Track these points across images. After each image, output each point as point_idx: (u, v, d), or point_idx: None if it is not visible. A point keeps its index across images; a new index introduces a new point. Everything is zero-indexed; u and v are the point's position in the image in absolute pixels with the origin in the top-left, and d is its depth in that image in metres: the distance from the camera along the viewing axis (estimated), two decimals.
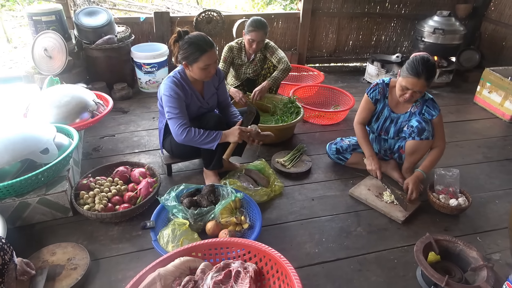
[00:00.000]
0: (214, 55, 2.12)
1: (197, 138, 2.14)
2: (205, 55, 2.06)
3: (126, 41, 3.69)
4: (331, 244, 2.04)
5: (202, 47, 2.06)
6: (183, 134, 2.13)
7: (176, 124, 2.14)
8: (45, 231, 2.06)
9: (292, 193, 2.43)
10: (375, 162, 2.40)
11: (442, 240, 1.88)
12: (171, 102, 2.14)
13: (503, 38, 4.57)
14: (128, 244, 2.00)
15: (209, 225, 2.01)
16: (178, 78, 2.20)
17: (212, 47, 2.09)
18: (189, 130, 2.13)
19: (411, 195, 2.29)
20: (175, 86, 2.15)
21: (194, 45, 2.06)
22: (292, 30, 4.53)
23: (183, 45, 2.09)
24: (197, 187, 2.23)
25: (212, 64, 2.12)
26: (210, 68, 2.12)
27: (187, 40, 2.08)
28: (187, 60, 2.11)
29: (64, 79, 3.17)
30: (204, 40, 2.08)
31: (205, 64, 2.09)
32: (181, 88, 2.18)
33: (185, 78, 2.22)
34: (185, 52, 2.09)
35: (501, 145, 3.16)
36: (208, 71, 2.14)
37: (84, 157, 2.73)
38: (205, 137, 2.15)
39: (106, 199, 2.14)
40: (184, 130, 2.13)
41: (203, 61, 2.08)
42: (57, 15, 3.35)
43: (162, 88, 2.19)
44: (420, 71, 2.08)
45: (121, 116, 3.35)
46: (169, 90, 2.15)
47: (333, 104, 3.60)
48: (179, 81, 2.19)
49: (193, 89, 2.26)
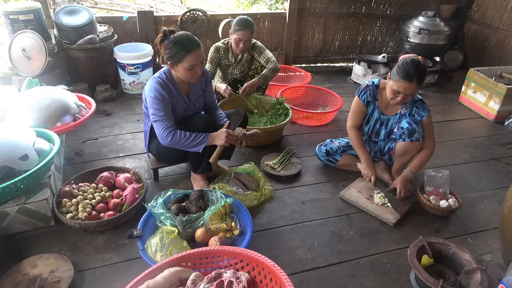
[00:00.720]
0: (200, 55, 2.05)
1: (183, 141, 2.08)
2: (190, 54, 2.00)
3: (108, 41, 3.58)
4: (323, 249, 2.01)
5: (187, 46, 1.99)
6: (169, 137, 2.06)
7: (162, 127, 2.07)
8: (26, 241, 1.96)
9: (282, 197, 2.39)
10: (371, 167, 2.38)
11: (435, 243, 1.87)
12: (156, 104, 2.07)
13: (486, 39, 4.64)
14: (114, 253, 1.92)
15: (199, 232, 1.95)
16: (163, 78, 2.13)
17: (198, 47, 2.03)
18: (175, 133, 2.07)
19: (399, 195, 2.28)
20: (160, 87, 2.08)
21: (179, 44, 1.99)
22: (278, 30, 4.49)
23: (168, 44, 2.02)
24: (185, 192, 2.16)
25: (198, 64, 2.05)
26: (195, 68, 2.06)
27: (172, 39, 2.01)
28: (172, 60, 2.04)
29: (43, 81, 3.04)
30: (189, 39, 2.01)
31: (190, 64, 2.02)
32: (166, 89, 2.11)
33: (170, 79, 2.15)
34: (170, 52, 2.02)
35: (486, 145, 3.19)
36: (193, 72, 2.07)
37: (66, 162, 2.62)
38: (191, 140, 2.09)
39: (90, 207, 2.05)
40: (169, 133, 2.06)
41: (188, 61, 2.01)
42: (35, 13, 3.22)
43: (147, 89, 2.12)
44: (412, 74, 2.06)
45: (105, 118, 3.25)
46: (153, 91, 2.07)
47: (321, 105, 3.58)
48: (164, 82, 2.12)
49: (178, 90, 2.19)
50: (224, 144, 2.11)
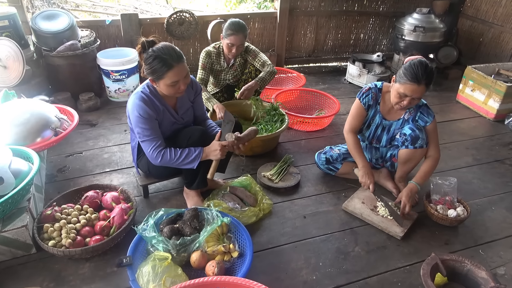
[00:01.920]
0: (183, 70, 1.87)
1: (175, 160, 1.94)
2: (171, 71, 1.81)
3: (91, 46, 3.38)
4: (329, 268, 1.87)
5: (167, 62, 1.80)
6: (159, 158, 1.93)
7: (150, 147, 1.93)
8: (4, 273, 1.79)
9: (282, 211, 2.25)
10: (369, 174, 2.24)
11: (448, 260, 1.75)
12: (141, 122, 1.91)
13: (480, 34, 4.56)
14: (102, 283, 1.76)
15: (194, 257, 1.79)
16: (146, 93, 1.95)
17: (180, 61, 1.84)
18: (165, 152, 1.93)
19: (403, 209, 2.13)
20: (144, 104, 1.90)
21: (159, 60, 1.80)
22: (269, 30, 4.33)
23: (147, 59, 1.83)
24: (178, 211, 2.01)
25: (181, 79, 1.87)
26: (179, 84, 1.88)
27: (151, 54, 1.81)
28: (153, 76, 1.87)
29: (22, 91, 2.84)
30: (170, 54, 1.81)
31: (172, 81, 1.84)
32: (151, 105, 1.94)
33: (155, 93, 1.98)
34: (149, 68, 1.84)
35: (488, 146, 3.10)
36: (177, 88, 1.89)
37: (48, 180, 2.44)
38: (184, 158, 1.94)
39: (75, 232, 1.88)
40: (159, 153, 1.92)
41: (169, 78, 1.83)
42: (10, 19, 3.01)
43: (130, 106, 1.95)
44: (420, 76, 1.94)
45: (89, 130, 3.06)
46: (137, 108, 1.90)
47: (316, 109, 3.44)
48: (148, 97, 1.94)
49: (165, 104, 2.02)
50: (221, 157, 1.97)
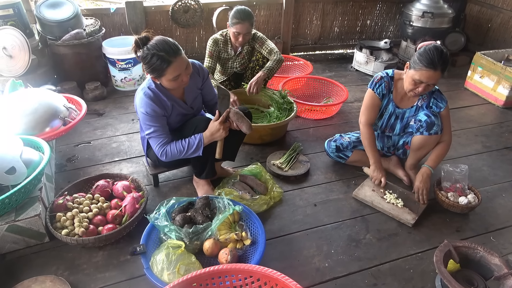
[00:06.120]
0: (183, 62, 1.82)
1: (179, 154, 1.97)
2: (171, 67, 1.78)
3: (96, 35, 3.35)
4: (341, 256, 1.88)
5: (165, 58, 1.76)
6: (163, 156, 1.97)
7: (157, 144, 1.96)
8: (18, 262, 1.80)
9: (292, 199, 2.25)
10: (380, 169, 2.23)
11: (461, 247, 1.75)
12: (148, 120, 1.91)
13: (489, 20, 4.48)
14: (116, 271, 1.77)
15: (207, 245, 1.80)
16: (152, 88, 1.93)
17: (178, 54, 1.79)
18: (168, 149, 1.96)
19: (422, 195, 2.14)
20: (151, 101, 1.89)
21: (156, 58, 1.76)
22: (275, 17, 4.27)
23: (144, 58, 1.79)
24: (189, 200, 2.01)
25: (182, 72, 1.84)
26: (180, 77, 1.85)
27: (147, 52, 1.77)
28: (154, 74, 1.85)
29: (28, 81, 2.83)
30: (166, 49, 1.76)
31: (174, 76, 1.81)
32: (159, 102, 1.92)
33: (160, 88, 1.95)
34: (148, 66, 1.80)
35: (498, 133, 3.07)
36: (180, 81, 1.86)
37: (57, 169, 2.44)
38: (187, 149, 1.95)
39: (87, 221, 1.89)
40: (163, 151, 1.96)
41: (170, 73, 1.80)
42: (15, 8, 2.98)
43: (137, 102, 1.94)
44: (437, 62, 1.90)
45: (96, 119, 3.05)
46: (144, 106, 1.89)
47: (324, 97, 3.41)
48: (155, 94, 1.92)
49: (172, 97, 1.99)
50: (224, 135, 1.97)
